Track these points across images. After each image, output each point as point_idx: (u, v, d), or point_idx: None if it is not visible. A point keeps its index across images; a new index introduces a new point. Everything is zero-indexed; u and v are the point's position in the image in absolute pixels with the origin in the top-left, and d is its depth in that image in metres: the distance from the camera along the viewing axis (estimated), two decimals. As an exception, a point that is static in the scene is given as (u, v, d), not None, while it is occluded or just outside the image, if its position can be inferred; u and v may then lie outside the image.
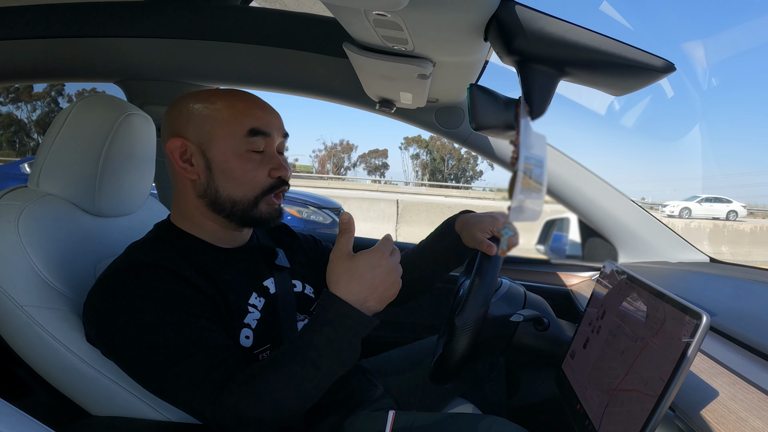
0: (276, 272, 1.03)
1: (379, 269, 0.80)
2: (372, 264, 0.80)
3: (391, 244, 0.84)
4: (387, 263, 0.81)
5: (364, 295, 0.79)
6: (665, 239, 1.62)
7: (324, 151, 70.76)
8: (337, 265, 0.81)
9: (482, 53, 0.98)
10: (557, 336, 1.10)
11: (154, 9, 1.41)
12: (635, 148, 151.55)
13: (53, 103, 47.67)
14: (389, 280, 0.81)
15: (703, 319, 0.59)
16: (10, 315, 0.88)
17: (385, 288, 0.80)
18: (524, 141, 0.70)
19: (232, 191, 0.91)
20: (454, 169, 69.35)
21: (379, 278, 0.80)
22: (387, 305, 0.83)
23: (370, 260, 0.80)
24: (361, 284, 0.79)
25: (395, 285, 0.82)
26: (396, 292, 0.82)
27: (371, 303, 0.80)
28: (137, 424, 0.91)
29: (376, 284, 0.79)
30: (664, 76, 0.74)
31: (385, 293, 0.81)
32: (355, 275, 0.79)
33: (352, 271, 0.80)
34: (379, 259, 0.80)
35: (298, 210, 6.43)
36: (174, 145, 0.91)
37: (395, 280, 0.81)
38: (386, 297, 0.81)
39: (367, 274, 0.79)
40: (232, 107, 0.91)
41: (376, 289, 0.80)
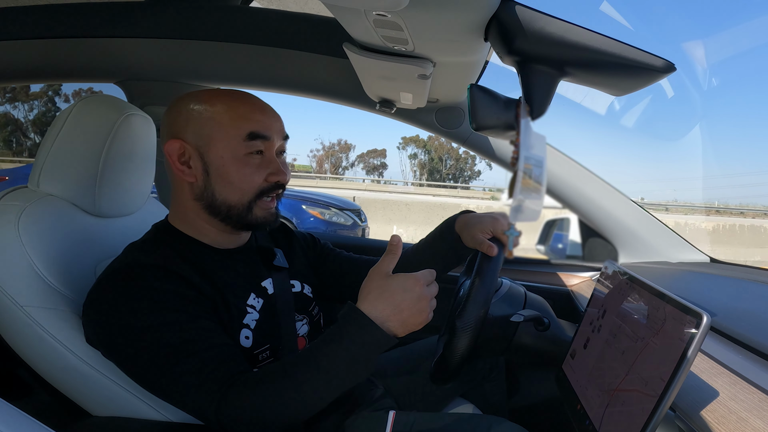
0: (274, 273, 1.03)
1: (410, 294, 0.79)
2: (405, 287, 0.79)
3: (431, 277, 0.84)
4: (420, 290, 0.80)
5: (386, 314, 0.78)
6: (665, 239, 1.62)
7: (322, 150, 70.91)
8: (371, 280, 0.81)
9: (482, 53, 0.98)
10: (558, 336, 1.10)
11: (155, 9, 1.41)
12: (635, 148, 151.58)
13: (50, 103, 47.75)
14: (417, 308, 0.80)
15: (704, 319, 0.59)
16: (11, 315, 0.88)
17: (411, 314, 0.79)
18: (524, 141, 0.70)
19: (228, 195, 0.91)
20: (452, 169, 69.41)
21: (407, 302, 0.79)
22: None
23: (404, 283, 0.80)
24: (387, 303, 0.78)
25: (422, 314, 0.80)
26: (422, 322, 0.81)
27: (392, 324, 0.79)
28: (137, 425, 0.91)
29: (402, 307, 0.79)
30: (664, 76, 0.74)
31: (410, 319, 0.79)
32: (385, 294, 0.79)
33: (383, 289, 0.79)
34: (413, 285, 0.80)
35: (320, 211, 6.46)
36: (172, 146, 0.91)
37: (423, 309, 0.80)
38: (410, 323, 0.80)
39: (397, 295, 0.79)
40: (232, 110, 0.90)
41: (402, 312, 0.79)
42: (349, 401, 1.07)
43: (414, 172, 69.70)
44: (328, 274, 1.19)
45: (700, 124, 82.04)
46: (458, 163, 69.21)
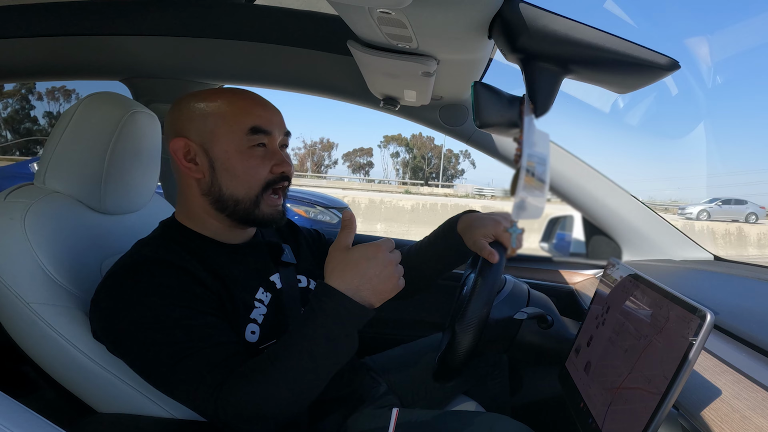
0: (282, 268, 1.03)
1: (374, 261, 0.80)
2: (367, 256, 0.80)
3: (392, 244, 0.84)
4: (383, 256, 0.81)
5: (356, 285, 0.79)
6: (669, 237, 1.61)
7: (303, 149, 70.91)
8: (333, 257, 0.82)
9: (486, 51, 0.98)
10: (561, 334, 1.10)
11: (160, 7, 1.41)
12: (638, 146, 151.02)
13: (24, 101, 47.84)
14: (385, 273, 0.81)
15: (707, 318, 0.59)
16: (17, 312, 0.89)
17: (380, 280, 0.80)
18: (528, 138, 0.70)
19: (234, 189, 0.92)
20: (435, 168, 69.39)
21: (373, 270, 0.80)
22: (389, 300, 0.83)
23: (365, 252, 0.81)
24: (354, 274, 0.79)
25: (392, 279, 0.82)
26: (393, 287, 0.82)
27: (365, 293, 0.80)
28: (142, 421, 0.91)
29: (370, 275, 0.80)
30: (668, 73, 0.74)
31: (380, 286, 0.81)
32: (350, 265, 0.80)
33: (347, 261, 0.80)
34: (375, 251, 0.81)
35: (305, 210, 6.43)
36: (177, 144, 0.92)
37: (391, 274, 0.81)
38: (382, 290, 0.81)
39: (361, 264, 0.80)
40: (233, 105, 0.92)
41: (371, 281, 0.80)
42: (353, 398, 1.07)
43: (397, 171, 69.70)
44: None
45: (704, 122, 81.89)
46: (441, 161, 69.23)
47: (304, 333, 0.78)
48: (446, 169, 69.97)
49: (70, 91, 47.39)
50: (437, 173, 69.26)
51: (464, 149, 70.73)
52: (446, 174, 69.96)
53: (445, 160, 69.47)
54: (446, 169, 69.97)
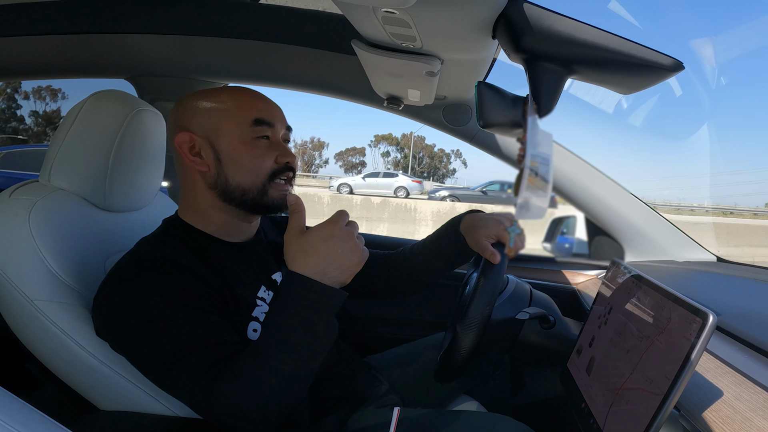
0: (284, 266, 1.03)
1: (333, 240, 0.80)
2: (324, 235, 0.80)
3: (345, 217, 0.84)
4: (340, 232, 0.80)
5: (321, 267, 0.79)
6: (672, 238, 1.61)
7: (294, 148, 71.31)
8: (290, 243, 0.82)
9: (490, 51, 0.98)
10: (563, 334, 1.10)
11: (165, 5, 1.42)
12: (642, 146, 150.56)
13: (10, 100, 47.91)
14: (346, 248, 0.80)
15: (710, 319, 0.59)
16: (20, 309, 0.89)
17: (344, 257, 0.80)
18: (531, 139, 0.70)
19: (241, 179, 0.92)
20: (426, 167, 69.29)
21: (334, 248, 0.79)
22: (391, 299, 0.83)
23: (321, 232, 0.80)
24: (316, 257, 0.79)
25: (355, 252, 0.81)
26: (359, 260, 0.82)
27: (332, 274, 0.79)
28: (144, 419, 0.91)
29: (333, 255, 0.79)
30: (672, 74, 0.73)
31: (346, 262, 0.80)
32: (309, 249, 0.79)
33: (306, 245, 0.80)
34: (332, 229, 0.80)
35: None
36: (182, 139, 0.92)
37: (354, 248, 0.81)
38: (348, 266, 0.81)
39: (320, 245, 0.79)
40: (237, 99, 0.93)
41: (335, 260, 0.79)
42: (354, 397, 1.07)
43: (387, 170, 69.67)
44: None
45: (708, 123, 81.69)
46: (433, 161, 69.14)
47: (279, 323, 0.78)
48: (437, 168, 69.89)
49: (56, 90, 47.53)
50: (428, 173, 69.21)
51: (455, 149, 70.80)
52: (437, 173, 69.94)
53: (437, 160, 69.41)
54: (437, 169, 69.89)
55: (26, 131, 48.16)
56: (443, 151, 70.72)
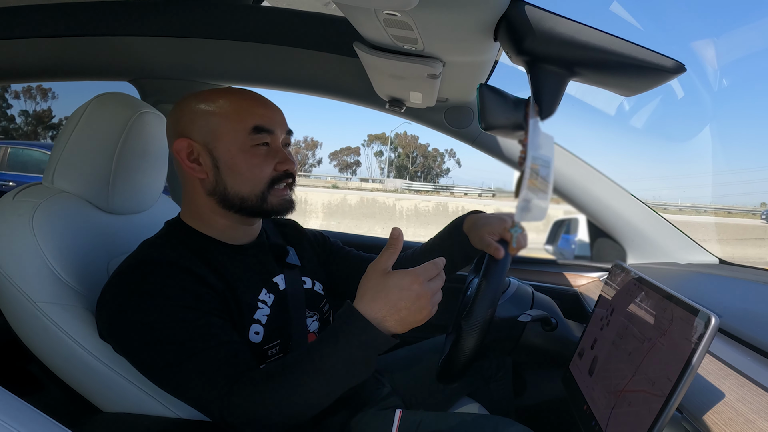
0: (286, 269, 1.03)
1: (408, 293, 0.77)
2: (401, 286, 0.77)
3: (434, 271, 0.80)
4: (418, 288, 0.77)
5: (383, 314, 0.77)
6: (674, 240, 1.61)
7: None
8: (368, 278, 0.80)
9: (492, 53, 0.98)
10: (565, 336, 1.10)
11: (168, 8, 1.42)
12: (644, 148, 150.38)
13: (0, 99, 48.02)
14: (416, 306, 0.77)
15: (712, 321, 0.59)
16: (24, 311, 0.89)
17: (409, 312, 0.77)
18: (533, 141, 0.70)
19: (239, 187, 0.92)
20: (420, 167, 69.15)
21: (404, 301, 0.77)
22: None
23: (401, 281, 0.77)
24: (384, 303, 0.77)
25: (422, 312, 0.78)
26: (422, 319, 0.79)
27: (390, 324, 0.77)
28: (147, 421, 0.91)
29: (399, 307, 0.77)
30: (674, 76, 0.73)
31: (408, 317, 0.78)
32: (381, 293, 0.77)
33: (380, 288, 0.78)
34: (411, 282, 0.77)
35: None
36: (180, 145, 0.92)
37: (423, 307, 0.78)
38: (409, 321, 0.78)
39: (393, 294, 0.77)
40: (236, 105, 0.92)
41: (399, 312, 0.77)
42: (356, 399, 1.07)
43: (381, 170, 69.55)
44: (338, 272, 1.19)
45: (710, 124, 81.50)
46: (427, 160, 69.07)
47: (322, 352, 0.77)
48: (431, 168, 69.83)
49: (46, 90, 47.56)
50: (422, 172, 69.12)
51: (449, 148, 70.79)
52: (431, 173, 69.83)
53: (431, 159, 69.36)
54: (431, 168, 69.81)
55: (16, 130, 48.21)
56: (437, 151, 70.75)
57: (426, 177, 68.07)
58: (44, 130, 51.91)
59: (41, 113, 51.43)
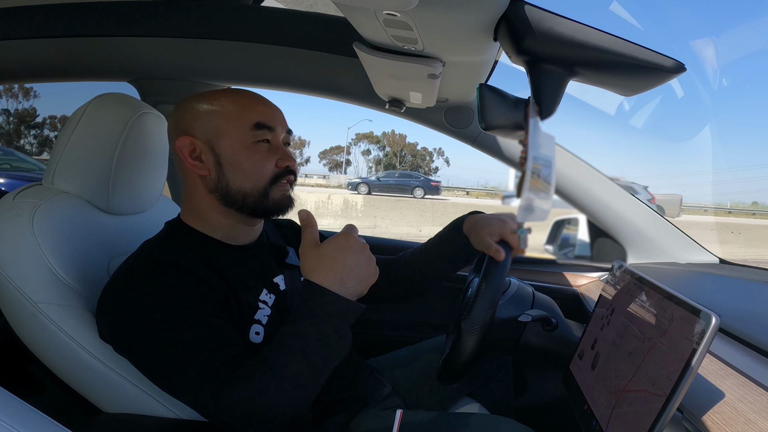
0: (286, 270, 1.03)
1: (349, 250, 0.81)
2: (340, 246, 0.81)
3: (356, 229, 0.85)
4: (355, 243, 0.81)
5: (339, 277, 0.79)
6: (674, 240, 1.61)
7: None
8: (306, 256, 0.83)
9: (492, 53, 0.98)
10: (565, 336, 1.10)
11: (168, 9, 1.42)
12: (644, 148, 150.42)
13: None
14: (362, 258, 0.81)
15: (713, 320, 0.59)
16: (24, 312, 0.89)
17: (360, 267, 0.81)
18: (533, 141, 0.70)
19: (242, 183, 0.92)
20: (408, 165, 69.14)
21: (351, 258, 0.80)
22: (394, 302, 0.83)
23: (337, 243, 0.81)
24: (333, 267, 0.79)
25: (371, 262, 0.82)
26: (374, 270, 0.83)
27: (350, 284, 0.80)
28: (148, 421, 0.91)
29: (350, 265, 0.80)
30: (674, 76, 0.74)
31: (362, 272, 0.81)
32: (326, 260, 0.80)
33: (323, 257, 0.80)
34: (346, 240, 0.81)
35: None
36: (183, 142, 0.92)
37: (369, 257, 0.82)
38: (364, 276, 0.81)
39: (337, 256, 0.80)
40: (237, 103, 0.93)
41: (352, 270, 0.80)
42: (357, 400, 1.07)
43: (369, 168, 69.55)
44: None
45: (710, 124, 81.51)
46: (415, 159, 69.06)
47: (294, 332, 0.78)
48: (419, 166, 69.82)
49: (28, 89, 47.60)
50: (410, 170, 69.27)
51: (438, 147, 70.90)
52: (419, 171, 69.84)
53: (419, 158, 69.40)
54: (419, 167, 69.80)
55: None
56: (426, 149, 70.80)
57: None
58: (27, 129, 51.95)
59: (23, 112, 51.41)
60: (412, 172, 32.04)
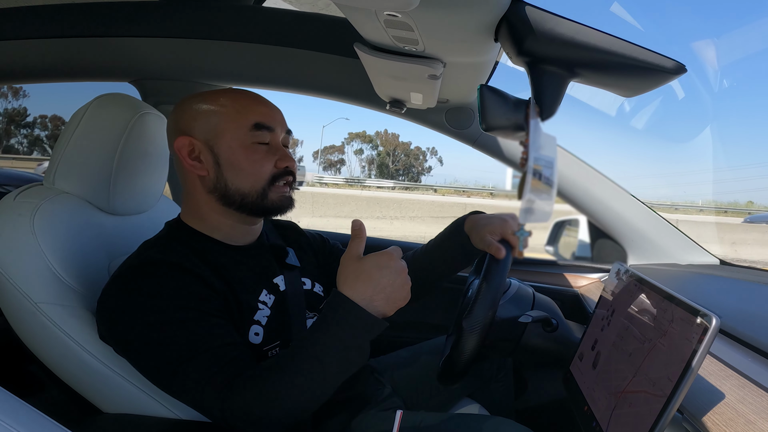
0: (286, 270, 1.03)
1: (387, 270, 0.80)
2: (380, 264, 0.80)
3: (400, 251, 0.84)
4: (395, 264, 0.81)
5: (369, 294, 0.79)
6: (675, 241, 1.61)
7: None
8: (345, 266, 0.82)
9: (492, 54, 0.98)
10: (565, 337, 1.10)
11: (169, 9, 1.43)
12: (645, 149, 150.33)
13: None
14: (398, 282, 0.80)
15: (713, 321, 0.59)
16: (25, 312, 0.89)
17: (393, 289, 0.80)
18: (534, 142, 0.70)
19: (240, 184, 0.93)
20: (401, 165, 69.12)
21: (386, 279, 0.79)
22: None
23: (378, 261, 0.80)
24: (367, 284, 0.79)
25: (405, 287, 0.81)
26: (406, 295, 0.82)
27: (378, 303, 0.79)
28: (148, 422, 0.91)
29: (383, 284, 0.79)
30: (675, 77, 0.73)
31: (393, 294, 0.80)
32: (362, 275, 0.79)
33: (360, 271, 0.80)
34: (388, 260, 0.81)
35: None
36: (181, 143, 0.92)
37: (405, 282, 0.81)
38: (395, 299, 0.81)
39: (374, 274, 0.79)
40: (236, 103, 0.94)
41: (384, 290, 0.79)
42: (357, 400, 1.07)
43: (362, 168, 69.58)
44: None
45: (711, 125, 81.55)
46: (408, 158, 69.10)
47: (315, 340, 0.78)
48: (412, 166, 69.83)
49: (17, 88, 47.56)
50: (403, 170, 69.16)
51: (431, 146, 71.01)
52: (412, 171, 69.88)
53: (412, 157, 69.46)
54: (412, 166, 69.81)
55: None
56: (419, 149, 70.86)
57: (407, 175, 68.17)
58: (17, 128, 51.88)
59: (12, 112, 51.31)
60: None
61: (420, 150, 70.81)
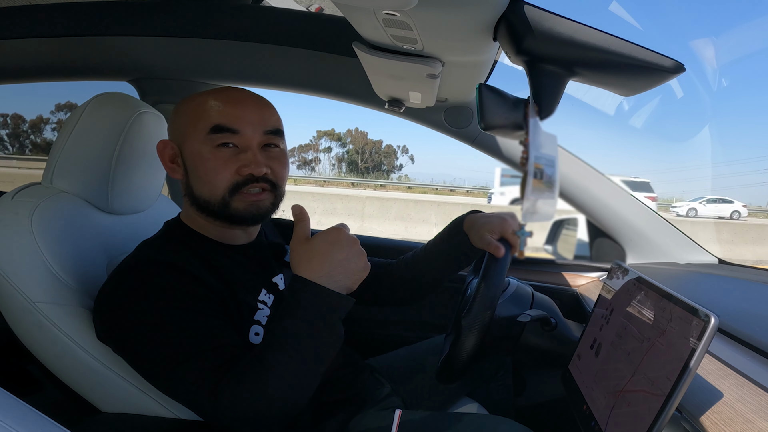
0: (285, 269, 1.03)
1: (339, 244, 0.80)
2: (330, 240, 0.81)
3: (346, 226, 0.85)
4: (345, 237, 0.81)
5: (327, 271, 0.79)
6: (674, 240, 1.61)
7: None
8: (296, 250, 0.82)
9: (491, 53, 0.98)
10: (564, 336, 1.10)
11: (168, 8, 1.42)
12: (643, 148, 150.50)
13: None
14: (352, 252, 0.81)
15: (712, 320, 0.59)
16: (22, 311, 0.89)
17: (350, 261, 0.80)
18: (533, 141, 0.70)
19: (201, 190, 0.90)
20: (369, 162, 69.16)
21: (340, 252, 0.80)
22: (393, 305, 0.82)
23: (327, 237, 0.81)
24: (322, 261, 0.79)
25: (360, 257, 0.82)
26: (364, 264, 0.82)
27: (339, 278, 0.79)
28: (146, 421, 0.91)
29: (339, 258, 0.80)
30: (673, 76, 0.74)
31: (351, 266, 0.80)
32: (315, 254, 0.80)
33: (312, 251, 0.80)
34: (337, 234, 0.81)
35: None
36: (162, 145, 0.93)
37: (359, 252, 0.82)
38: (354, 270, 0.81)
39: (326, 250, 0.80)
40: (202, 105, 0.89)
41: (341, 263, 0.80)
42: (356, 400, 1.07)
43: (332, 166, 69.67)
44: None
45: (709, 124, 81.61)
46: (379, 156, 69.20)
47: (284, 328, 0.77)
48: (382, 163, 69.87)
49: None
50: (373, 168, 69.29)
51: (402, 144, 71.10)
52: (381, 169, 69.96)
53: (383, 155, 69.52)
54: (382, 164, 69.85)
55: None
56: (390, 147, 70.92)
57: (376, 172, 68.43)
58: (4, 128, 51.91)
59: None
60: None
61: (391, 148, 70.92)
